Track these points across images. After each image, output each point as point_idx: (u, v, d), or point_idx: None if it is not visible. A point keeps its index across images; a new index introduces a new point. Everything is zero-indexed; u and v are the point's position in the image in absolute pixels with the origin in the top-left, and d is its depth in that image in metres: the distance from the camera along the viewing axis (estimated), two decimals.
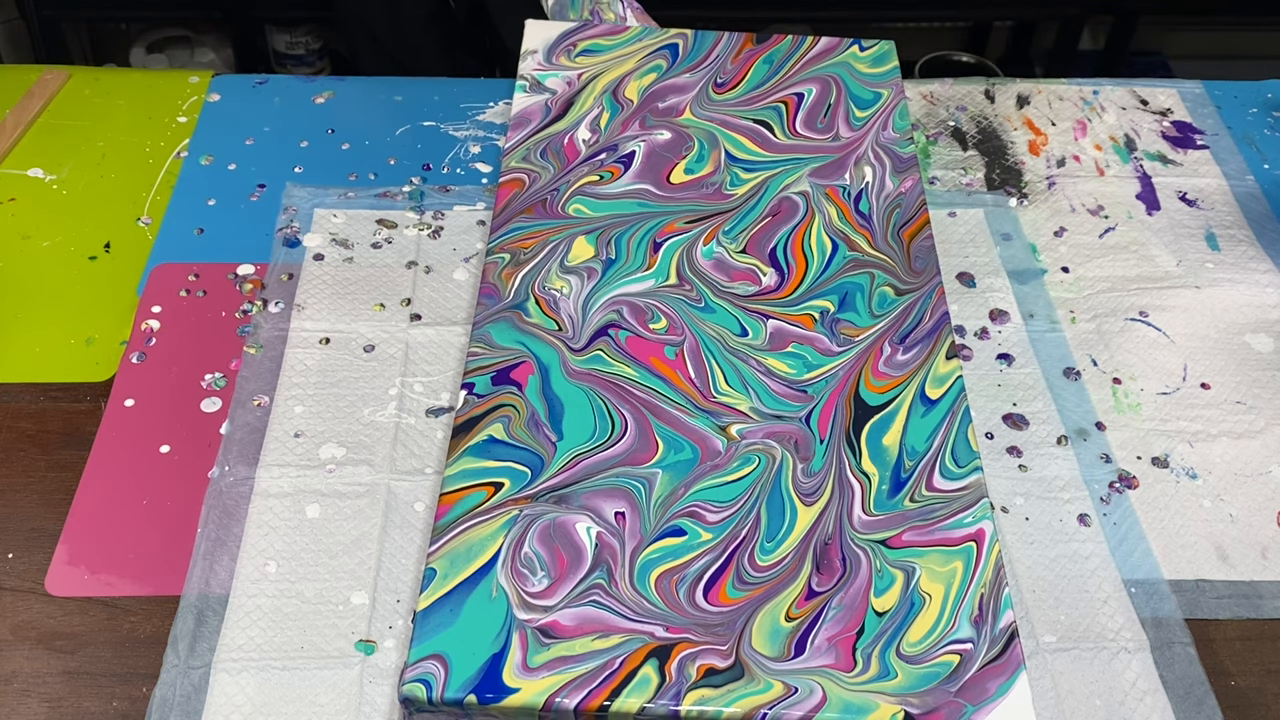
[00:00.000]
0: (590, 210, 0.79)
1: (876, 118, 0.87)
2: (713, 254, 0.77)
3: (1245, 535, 0.72)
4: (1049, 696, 0.64)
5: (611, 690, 0.56)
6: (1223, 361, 0.82)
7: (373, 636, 0.65)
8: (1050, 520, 0.71)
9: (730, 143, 0.85)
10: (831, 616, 0.60)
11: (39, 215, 0.87)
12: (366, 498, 0.70)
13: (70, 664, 0.64)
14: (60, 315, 0.80)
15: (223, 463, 0.71)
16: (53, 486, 0.71)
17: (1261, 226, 0.91)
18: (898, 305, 0.74)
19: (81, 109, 0.96)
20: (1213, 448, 0.76)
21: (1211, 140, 0.99)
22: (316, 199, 0.88)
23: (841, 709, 0.56)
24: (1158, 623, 0.67)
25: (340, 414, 0.74)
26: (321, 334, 0.79)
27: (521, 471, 0.65)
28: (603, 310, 0.73)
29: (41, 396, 0.76)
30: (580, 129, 0.85)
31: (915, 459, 0.67)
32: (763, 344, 0.72)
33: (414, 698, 0.56)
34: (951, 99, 1.01)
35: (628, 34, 0.93)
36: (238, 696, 0.62)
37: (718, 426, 0.68)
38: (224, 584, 0.66)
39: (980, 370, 0.79)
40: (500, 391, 0.68)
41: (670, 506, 0.64)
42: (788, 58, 0.92)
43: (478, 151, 0.93)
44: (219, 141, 0.93)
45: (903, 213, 0.80)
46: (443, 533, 0.62)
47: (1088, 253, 0.88)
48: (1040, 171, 0.94)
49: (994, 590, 0.61)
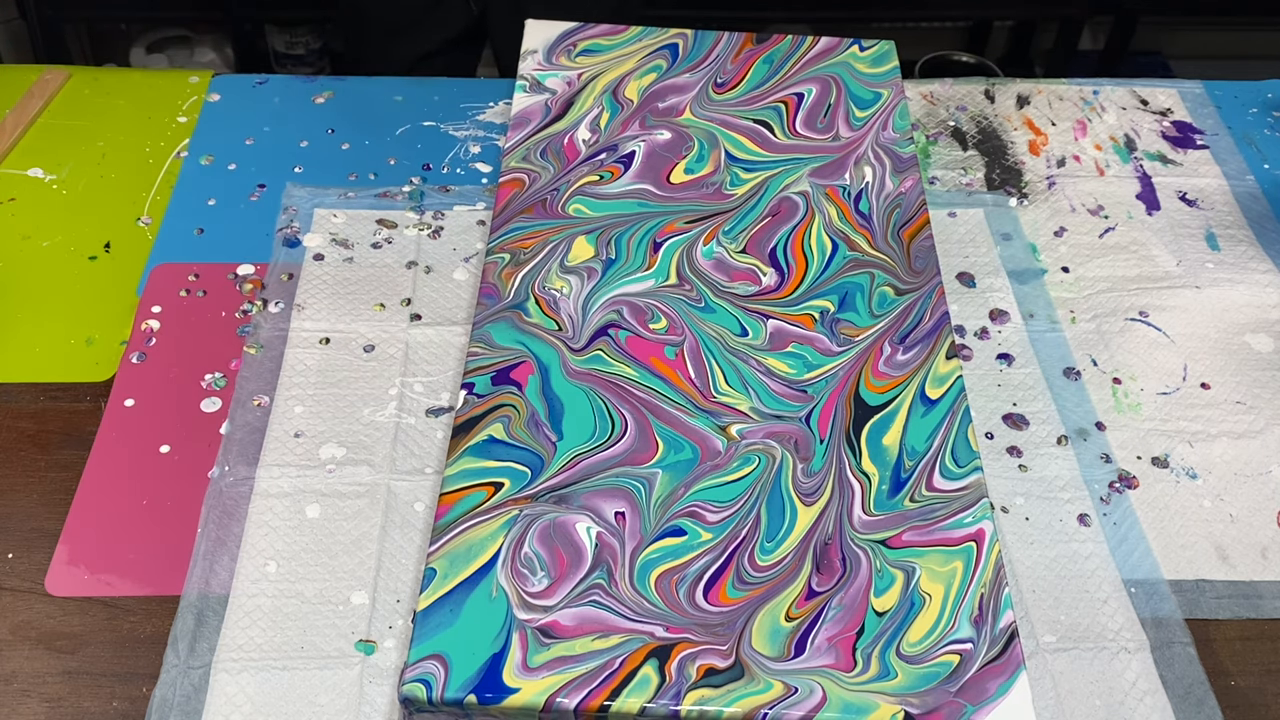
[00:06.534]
0: (590, 210, 0.79)
1: (876, 118, 0.87)
2: (713, 254, 0.77)
3: (1245, 535, 0.72)
4: (1049, 696, 0.64)
5: (612, 690, 0.56)
6: (1223, 361, 0.81)
7: (373, 636, 0.65)
8: (1050, 520, 0.71)
9: (730, 143, 0.85)
10: (831, 616, 0.60)
11: (39, 215, 0.87)
12: (366, 498, 0.70)
13: (70, 664, 0.64)
14: (60, 315, 0.80)
15: (223, 463, 0.71)
16: (53, 486, 0.71)
17: (1261, 226, 0.91)
18: (898, 305, 0.74)
19: (81, 109, 0.96)
20: (1213, 448, 0.76)
21: (1211, 140, 0.99)
22: (316, 199, 0.88)
23: (841, 709, 0.56)
24: (1158, 623, 0.67)
25: (340, 414, 0.74)
26: (321, 334, 0.79)
27: (521, 471, 0.65)
28: (603, 310, 0.73)
29: (41, 396, 0.76)
30: (580, 129, 0.85)
31: (915, 459, 0.67)
32: (763, 344, 0.72)
33: (414, 698, 0.56)
34: (951, 99, 1.01)
35: (628, 34, 0.93)
36: (238, 696, 0.62)
37: (718, 426, 0.68)
38: (224, 584, 0.66)
39: (980, 370, 0.79)
40: (500, 391, 0.68)
41: (670, 506, 0.64)
42: (788, 58, 0.92)
43: (478, 151, 0.93)
44: (219, 141, 0.93)
45: (903, 213, 0.80)
46: (443, 533, 0.62)
47: (1088, 253, 0.88)
48: (1040, 171, 0.94)
49: (994, 590, 0.61)
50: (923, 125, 0.98)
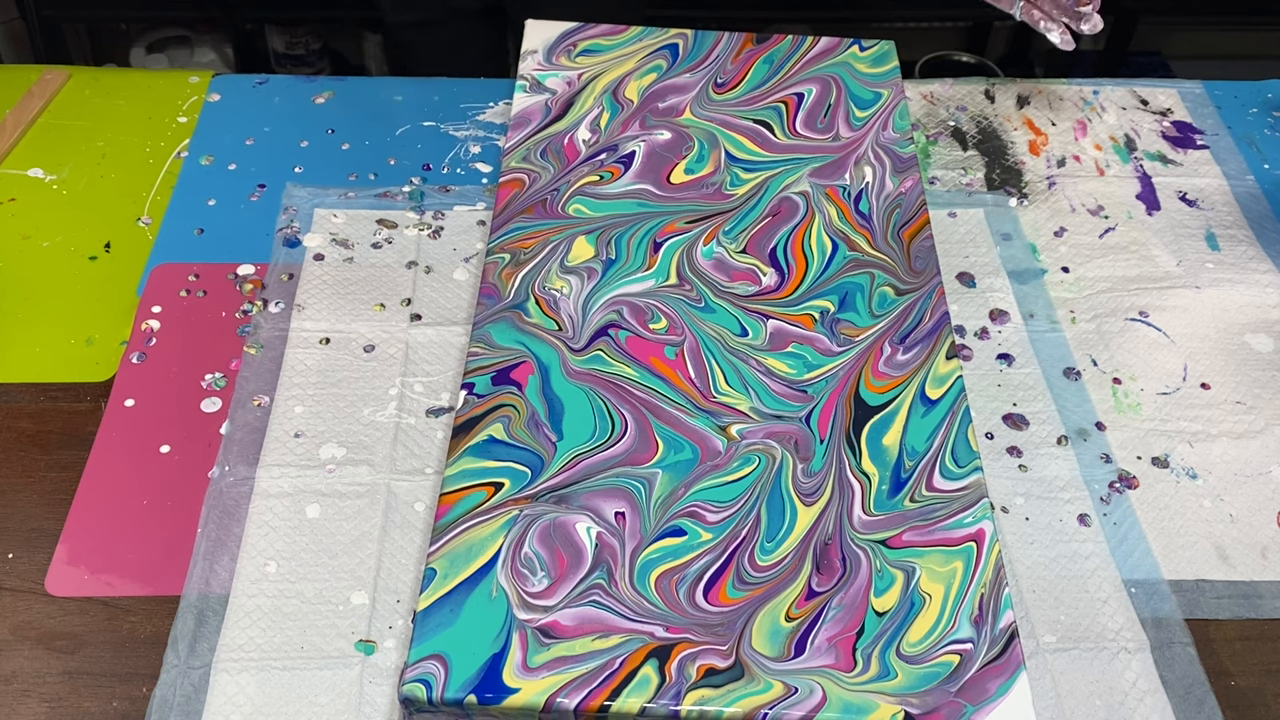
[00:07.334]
0: (590, 210, 0.79)
1: (876, 118, 0.87)
2: (713, 254, 0.77)
3: (1245, 535, 0.72)
4: (1049, 696, 0.64)
5: (612, 690, 0.56)
6: (1223, 361, 0.81)
7: (373, 636, 0.65)
8: (1050, 520, 0.71)
9: (730, 143, 0.85)
10: (831, 617, 0.60)
11: (39, 215, 0.87)
12: (366, 498, 0.70)
13: (70, 664, 0.64)
14: (60, 315, 0.80)
15: (223, 463, 0.71)
16: (53, 486, 0.71)
17: (1261, 226, 0.91)
18: (898, 305, 0.74)
19: (81, 109, 0.96)
20: (1213, 448, 0.76)
21: (1211, 140, 0.99)
22: (316, 199, 0.88)
23: (841, 709, 0.56)
24: (1158, 623, 0.67)
25: (340, 414, 0.74)
26: (321, 334, 0.79)
27: (521, 471, 0.65)
28: (603, 310, 0.73)
29: (41, 396, 0.76)
30: (580, 129, 0.85)
31: (915, 459, 0.67)
32: (763, 344, 0.72)
33: (414, 698, 0.56)
34: (951, 99, 1.01)
35: (628, 34, 0.93)
36: (238, 696, 0.62)
37: (718, 426, 0.67)
38: (224, 584, 0.66)
39: (980, 370, 0.79)
40: (500, 391, 0.68)
41: (670, 506, 0.64)
42: (788, 58, 0.92)
43: (478, 151, 0.93)
44: (219, 141, 0.93)
45: (903, 213, 0.80)
46: (443, 533, 0.62)
47: (1088, 253, 0.88)
48: (1040, 171, 0.94)
49: (994, 590, 0.61)
50: (923, 125, 0.98)
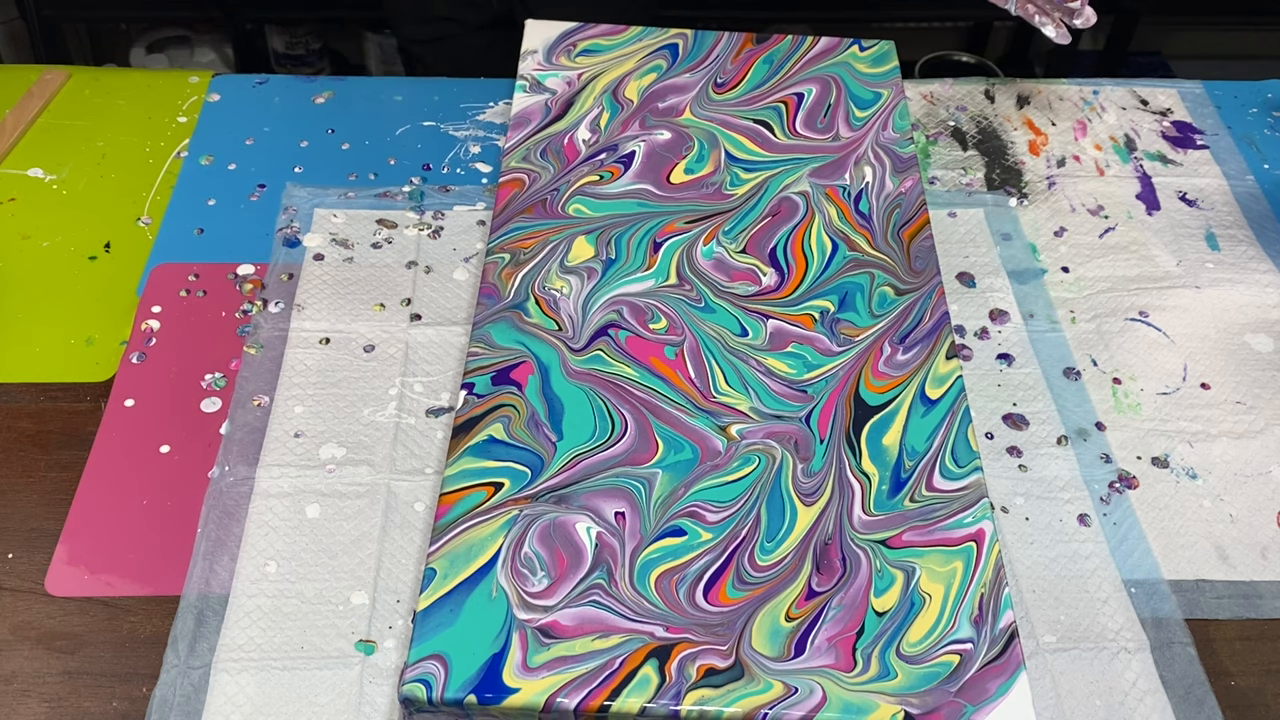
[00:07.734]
0: (590, 210, 0.79)
1: (876, 118, 0.87)
2: (713, 254, 0.77)
3: (1245, 535, 0.72)
4: (1049, 696, 0.64)
5: (612, 690, 0.56)
6: (1223, 361, 0.81)
7: (373, 636, 0.65)
8: (1050, 520, 0.71)
9: (730, 143, 0.85)
10: (831, 616, 0.60)
11: (39, 215, 0.87)
12: (366, 498, 0.70)
13: (70, 664, 0.64)
14: (60, 315, 0.80)
15: (223, 463, 0.71)
16: (53, 486, 0.71)
17: (1261, 226, 0.91)
18: (898, 305, 0.74)
19: (81, 109, 0.96)
20: (1213, 448, 0.76)
21: (1211, 140, 0.99)
22: (316, 199, 0.88)
23: (841, 709, 0.56)
24: (1158, 623, 0.67)
25: (340, 414, 0.74)
26: (321, 334, 0.79)
27: (521, 471, 0.65)
28: (603, 310, 0.73)
29: (41, 396, 0.76)
30: (580, 129, 0.85)
31: (915, 459, 0.67)
32: (763, 344, 0.72)
33: (414, 698, 0.56)
34: (951, 99, 1.01)
35: (628, 34, 0.93)
36: (238, 696, 0.62)
37: (718, 426, 0.67)
38: (224, 584, 0.66)
39: (980, 370, 0.79)
40: (500, 391, 0.68)
41: (670, 506, 0.64)
42: (788, 58, 0.92)
43: (478, 151, 0.93)
44: (219, 141, 0.93)
45: (903, 213, 0.80)
46: (443, 533, 0.62)
47: (1088, 253, 0.88)
48: (1040, 171, 0.94)
49: (994, 590, 0.61)
50: (923, 125, 0.98)
